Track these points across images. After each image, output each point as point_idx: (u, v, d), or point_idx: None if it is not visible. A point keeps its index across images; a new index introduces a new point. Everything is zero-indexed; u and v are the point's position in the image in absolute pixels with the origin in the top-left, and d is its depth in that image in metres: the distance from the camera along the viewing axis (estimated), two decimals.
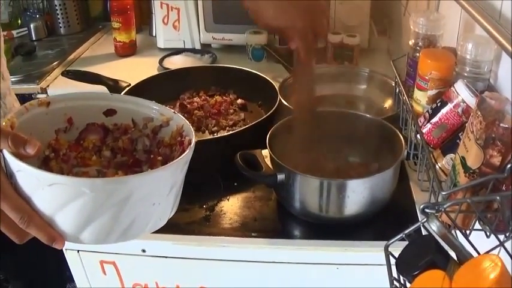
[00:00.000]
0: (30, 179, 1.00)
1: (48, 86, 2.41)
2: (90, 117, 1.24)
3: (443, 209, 0.98)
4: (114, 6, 2.61)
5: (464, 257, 0.96)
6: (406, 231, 1.01)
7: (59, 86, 2.39)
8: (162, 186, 1.06)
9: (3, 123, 1.05)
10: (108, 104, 1.26)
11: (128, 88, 1.92)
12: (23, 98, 1.73)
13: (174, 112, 1.23)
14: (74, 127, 1.23)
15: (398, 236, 1.02)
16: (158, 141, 1.24)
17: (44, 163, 1.12)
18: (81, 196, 0.98)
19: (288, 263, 1.41)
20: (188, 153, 1.08)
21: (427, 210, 0.97)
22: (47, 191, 0.99)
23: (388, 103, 1.96)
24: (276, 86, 1.90)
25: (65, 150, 1.17)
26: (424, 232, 1.11)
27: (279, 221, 1.50)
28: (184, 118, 1.22)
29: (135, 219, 1.05)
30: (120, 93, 1.83)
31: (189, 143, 1.14)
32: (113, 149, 1.23)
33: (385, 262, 1.03)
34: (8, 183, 1.02)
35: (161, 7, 2.60)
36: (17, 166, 1.00)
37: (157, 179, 1.05)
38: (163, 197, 1.07)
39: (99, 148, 1.22)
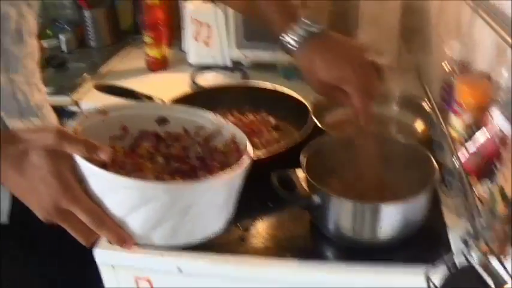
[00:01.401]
0: (104, 182, 1.06)
1: (80, 98, 2.44)
2: (144, 125, 1.31)
3: (483, 239, 0.99)
4: (145, 21, 2.63)
5: (500, 284, 0.97)
6: (447, 261, 1.03)
7: (91, 99, 2.42)
8: (227, 191, 1.14)
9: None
10: (161, 113, 1.32)
11: None
12: (55, 110, 1.76)
13: (225, 121, 1.27)
14: (128, 135, 1.29)
15: (440, 266, 1.04)
16: (211, 149, 1.30)
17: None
18: (154, 199, 1.04)
19: (323, 287, 1.42)
20: (250, 160, 1.16)
21: (467, 240, 0.98)
22: (120, 194, 1.05)
23: (418, 124, 1.96)
24: (309, 105, 1.91)
25: (121, 156, 1.21)
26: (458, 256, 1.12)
27: (313, 242, 1.51)
28: (236, 127, 1.26)
29: (203, 221, 1.12)
30: None
31: (246, 149, 1.19)
32: (166, 156, 1.27)
33: (419, 285, 1.05)
34: (79, 187, 1.07)
35: (192, 23, 2.61)
36: (90, 170, 1.06)
37: (225, 184, 1.12)
38: (228, 201, 1.15)
39: (153, 155, 1.27)
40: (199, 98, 2.03)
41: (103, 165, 1.16)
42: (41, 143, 1.10)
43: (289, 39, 1.50)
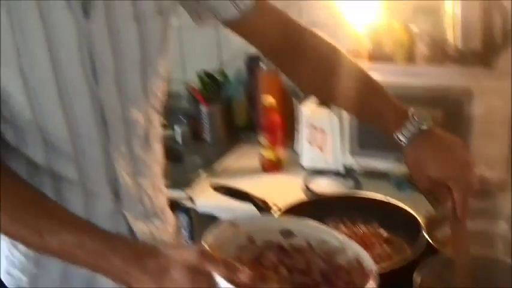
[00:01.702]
0: None
1: (195, 195, 2.55)
2: (269, 236, 1.38)
3: None
4: (262, 123, 2.77)
5: None
6: None
7: (206, 198, 2.53)
8: None
9: (206, 246, 1.22)
10: (286, 226, 1.39)
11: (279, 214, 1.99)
12: (170, 205, 1.81)
13: (349, 239, 1.31)
14: (254, 245, 1.36)
15: None
16: (335, 265, 1.34)
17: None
18: None
19: None
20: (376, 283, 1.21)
21: None
22: None
23: None
24: (420, 219, 1.90)
25: (247, 267, 1.25)
26: None
27: None
28: (361, 247, 1.30)
29: None
30: None
31: (371, 271, 1.25)
32: (289, 268, 1.32)
33: None
34: None
35: (307, 127, 2.70)
36: None
37: None
38: None
39: (277, 267, 1.32)
40: (312, 205, 2.08)
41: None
42: (183, 260, 1.18)
43: (401, 135, 1.53)
